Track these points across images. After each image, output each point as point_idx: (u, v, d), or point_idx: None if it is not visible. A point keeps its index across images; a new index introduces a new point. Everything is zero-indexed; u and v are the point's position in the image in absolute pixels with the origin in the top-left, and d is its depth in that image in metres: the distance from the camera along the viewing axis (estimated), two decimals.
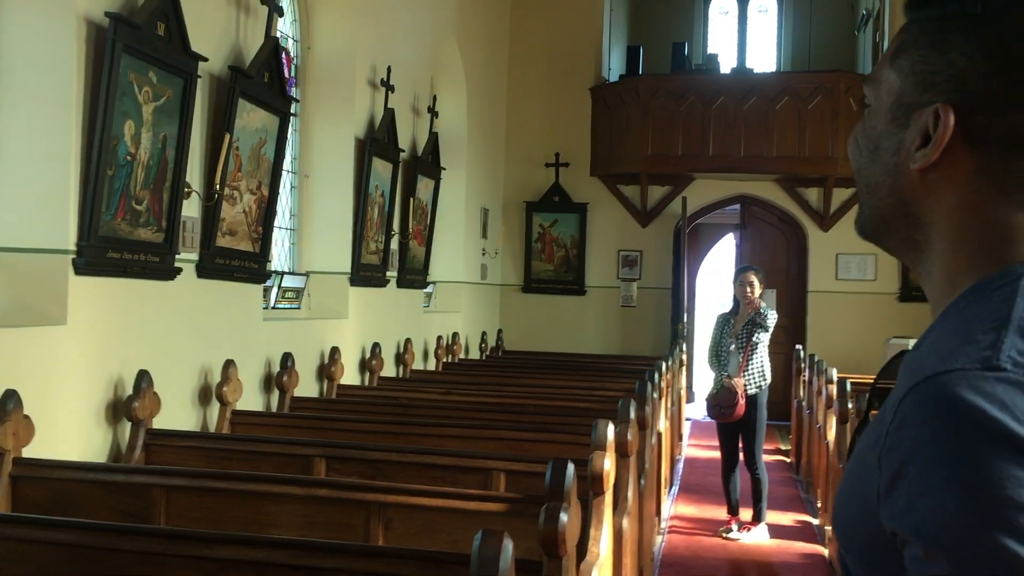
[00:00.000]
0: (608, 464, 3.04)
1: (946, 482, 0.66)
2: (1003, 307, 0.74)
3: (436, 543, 2.87)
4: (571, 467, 2.29)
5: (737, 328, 5.82)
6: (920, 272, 0.88)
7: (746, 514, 5.90)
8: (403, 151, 7.08)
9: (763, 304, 5.84)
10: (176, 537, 2.32)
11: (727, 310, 6.05)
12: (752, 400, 5.72)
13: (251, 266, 4.89)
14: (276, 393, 5.21)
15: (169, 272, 4.13)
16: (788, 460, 8.51)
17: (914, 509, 0.68)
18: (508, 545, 1.57)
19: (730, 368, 5.76)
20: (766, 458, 6.04)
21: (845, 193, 10.28)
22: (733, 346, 5.79)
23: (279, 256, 5.91)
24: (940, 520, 0.66)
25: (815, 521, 6.27)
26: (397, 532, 2.95)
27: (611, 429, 3.11)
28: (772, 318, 5.77)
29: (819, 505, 6.41)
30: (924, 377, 0.72)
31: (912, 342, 8.32)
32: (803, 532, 6.03)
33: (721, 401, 5.73)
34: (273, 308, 5.70)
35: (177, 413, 4.25)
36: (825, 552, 5.50)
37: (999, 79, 0.78)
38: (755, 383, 5.75)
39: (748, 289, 5.77)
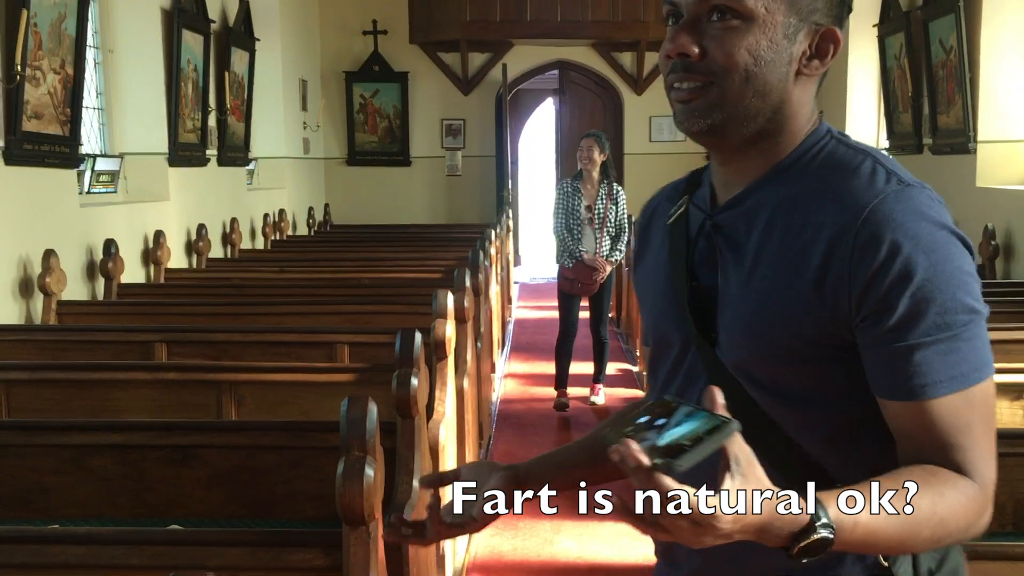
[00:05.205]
0: (449, 330, 3.23)
1: (941, 264, 0.97)
2: (851, 149, 1.07)
3: (289, 416, 3.00)
4: (419, 335, 2.46)
5: (590, 200, 5.55)
6: (757, 147, 1.10)
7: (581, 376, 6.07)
8: (214, 22, 6.75)
9: (616, 187, 5.62)
10: (32, 428, 2.34)
11: (569, 178, 5.79)
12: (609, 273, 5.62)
13: (62, 150, 4.65)
14: (101, 281, 5.06)
15: None
16: (610, 315, 9.05)
17: (916, 285, 0.97)
18: (373, 408, 1.72)
19: (586, 243, 5.51)
20: (584, 314, 5.91)
21: (656, 57, 10.59)
22: (589, 219, 5.52)
23: (90, 138, 5.62)
24: (934, 287, 0.97)
25: (635, 368, 6.81)
26: (250, 409, 3.05)
27: (450, 298, 3.29)
28: (623, 198, 5.60)
29: (638, 354, 6.94)
30: (872, 201, 0.99)
31: None
32: (625, 379, 6.55)
33: (580, 276, 5.52)
34: (88, 193, 5.46)
35: None
36: (643, 394, 6.01)
37: (844, 7, 1.10)
38: (616, 257, 5.61)
39: (584, 154, 5.59)
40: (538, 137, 17.24)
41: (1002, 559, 1.79)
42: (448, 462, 3.19)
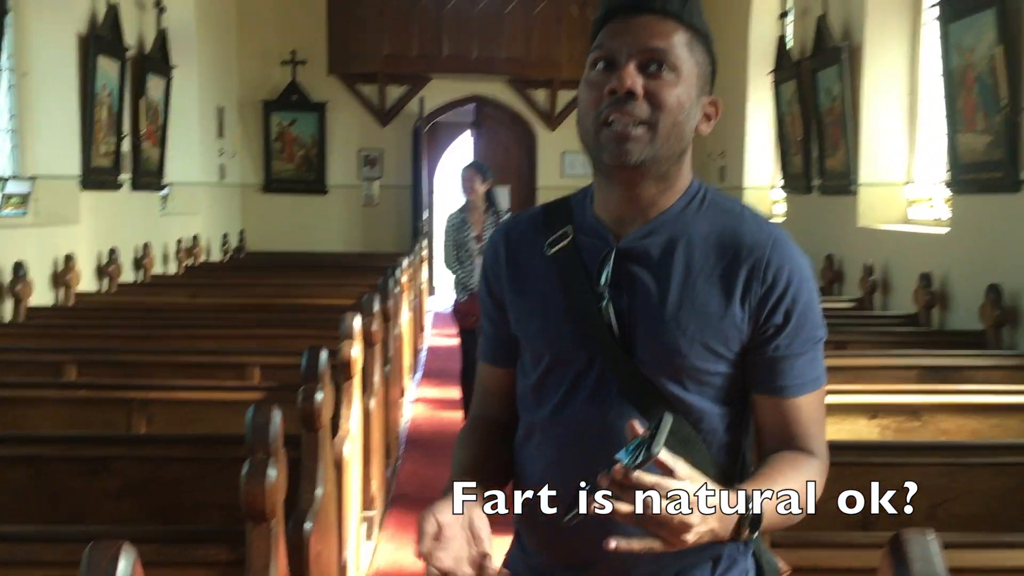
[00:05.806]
0: (356, 351, 3.39)
1: (812, 292, 1.30)
2: (728, 199, 1.34)
3: (199, 432, 3.11)
4: (324, 353, 2.62)
5: (478, 230, 5.57)
6: (658, 187, 1.31)
7: None
8: (130, 49, 6.81)
9: (503, 209, 5.64)
10: None
11: (456, 210, 5.74)
12: None
13: None
14: (9, 304, 5.06)
15: None
16: None
17: (801, 306, 1.27)
18: (277, 415, 1.88)
19: (478, 274, 5.20)
20: None
21: (569, 95, 11.00)
22: (479, 249, 5.47)
23: (1, 160, 5.62)
24: (809, 309, 1.29)
25: None
26: (159, 426, 3.15)
27: (358, 320, 3.45)
28: None
29: None
30: (770, 240, 1.28)
31: None
32: None
33: (474, 309, 5.28)
34: None
35: None
36: None
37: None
38: None
39: (466, 185, 5.57)
40: (455, 169, 17.46)
41: (838, 548, 2.04)
42: (353, 477, 3.34)
